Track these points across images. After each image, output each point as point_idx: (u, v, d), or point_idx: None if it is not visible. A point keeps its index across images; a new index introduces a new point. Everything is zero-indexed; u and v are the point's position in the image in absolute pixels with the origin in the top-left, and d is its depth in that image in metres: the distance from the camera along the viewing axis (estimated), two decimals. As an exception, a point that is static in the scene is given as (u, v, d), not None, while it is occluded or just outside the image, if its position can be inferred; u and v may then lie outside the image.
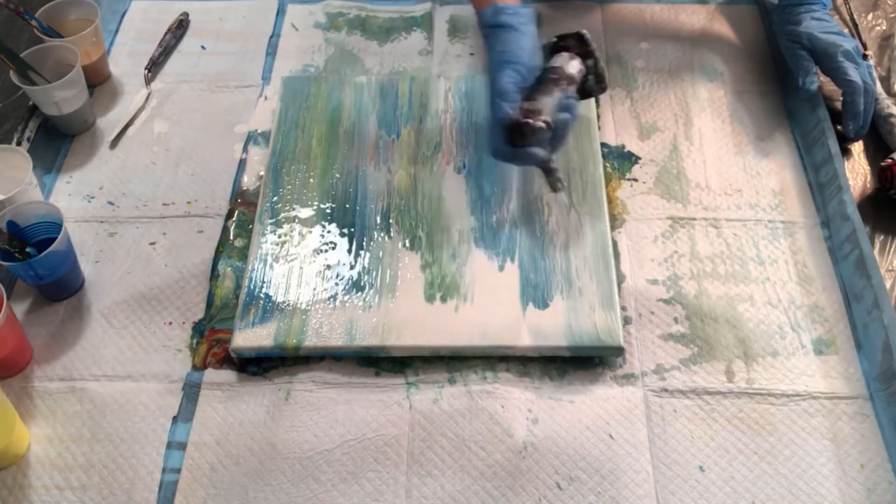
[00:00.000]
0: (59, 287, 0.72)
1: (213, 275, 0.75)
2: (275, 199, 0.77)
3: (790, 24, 0.84)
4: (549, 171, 0.71)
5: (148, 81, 0.91)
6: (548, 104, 0.68)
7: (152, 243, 0.77)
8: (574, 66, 0.71)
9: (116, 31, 0.97)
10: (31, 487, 0.63)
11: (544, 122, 0.67)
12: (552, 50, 0.73)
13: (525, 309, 0.69)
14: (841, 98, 0.81)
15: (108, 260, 0.76)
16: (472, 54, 0.92)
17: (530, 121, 0.66)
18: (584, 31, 0.72)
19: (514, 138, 0.68)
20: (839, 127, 0.81)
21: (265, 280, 0.72)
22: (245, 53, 0.94)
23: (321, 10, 0.98)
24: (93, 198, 0.81)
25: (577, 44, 0.72)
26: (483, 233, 0.74)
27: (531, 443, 0.64)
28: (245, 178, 0.82)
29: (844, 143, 0.82)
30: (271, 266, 0.73)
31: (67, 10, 0.88)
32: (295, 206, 0.77)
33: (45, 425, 0.66)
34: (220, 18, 0.98)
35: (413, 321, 0.69)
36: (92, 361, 0.70)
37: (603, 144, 0.83)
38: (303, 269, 0.73)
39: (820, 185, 0.79)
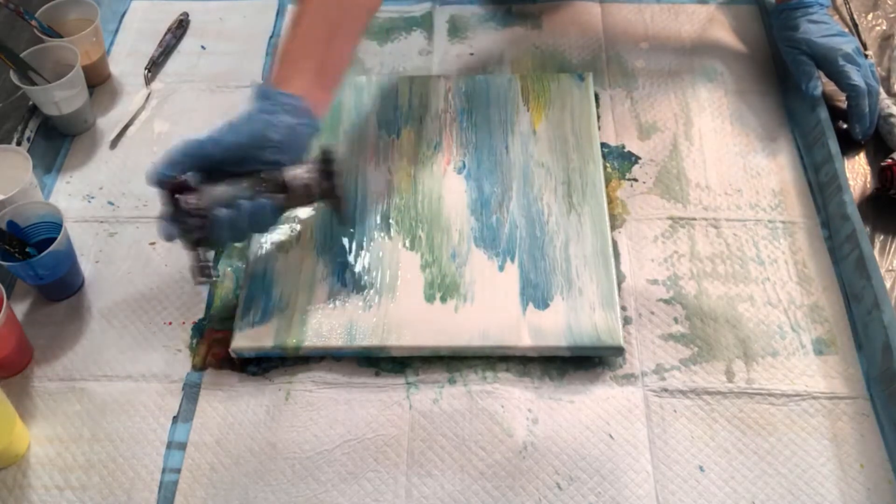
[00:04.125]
0: (59, 287, 0.72)
1: (213, 275, 0.75)
2: (275, 199, 0.77)
3: (788, 29, 0.84)
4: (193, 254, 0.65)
5: (148, 81, 0.91)
6: (217, 193, 0.61)
7: (152, 243, 0.77)
8: (294, 176, 0.63)
9: (116, 31, 0.97)
10: (31, 487, 0.63)
11: (185, 203, 0.60)
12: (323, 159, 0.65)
13: (525, 309, 0.69)
14: (844, 99, 0.81)
15: (108, 260, 0.76)
16: (471, 54, 0.92)
17: (166, 191, 0.61)
18: (331, 155, 0.64)
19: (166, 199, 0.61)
20: (841, 124, 0.81)
21: (265, 280, 0.72)
22: (245, 53, 0.94)
23: (321, 10, 0.98)
24: (93, 198, 0.81)
25: (321, 161, 0.64)
26: (483, 233, 0.74)
27: (531, 443, 0.64)
28: (245, 178, 0.82)
29: (853, 142, 0.82)
30: (271, 266, 0.73)
31: (67, 10, 0.88)
32: (295, 206, 0.77)
33: (45, 425, 0.66)
34: (220, 18, 0.98)
35: (413, 321, 0.69)
36: (92, 361, 0.70)
37: (603, 144, 0.83)
38: (303, 269, 0.73)
39: (820, 185, 0.79)
